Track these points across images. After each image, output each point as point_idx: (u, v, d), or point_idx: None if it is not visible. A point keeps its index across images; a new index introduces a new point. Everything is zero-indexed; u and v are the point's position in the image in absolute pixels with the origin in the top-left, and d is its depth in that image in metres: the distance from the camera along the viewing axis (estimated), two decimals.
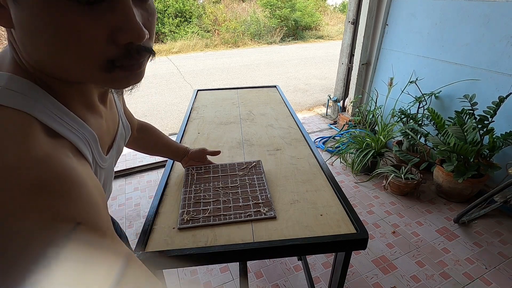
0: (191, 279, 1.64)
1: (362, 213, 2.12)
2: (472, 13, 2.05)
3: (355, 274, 1.65)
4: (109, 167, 0.54)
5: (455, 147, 1.87)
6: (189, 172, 1.00)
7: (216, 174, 0.99)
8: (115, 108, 0.57)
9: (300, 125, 1.36)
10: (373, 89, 3.05)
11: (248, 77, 6.13)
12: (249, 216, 0.80)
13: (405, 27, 2.56)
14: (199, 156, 1.02)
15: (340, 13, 13.49)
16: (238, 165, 1.03)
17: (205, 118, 1.48)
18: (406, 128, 2.32)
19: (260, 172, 0.99)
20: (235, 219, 0.79)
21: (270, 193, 0.89)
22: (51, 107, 0.37)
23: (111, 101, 0.55)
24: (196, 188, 0.92)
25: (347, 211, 0.82)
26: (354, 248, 0.76)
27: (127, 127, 0.64)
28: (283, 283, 1.61)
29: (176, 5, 9.88)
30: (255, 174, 0.98)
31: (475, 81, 2.12)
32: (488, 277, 1.62)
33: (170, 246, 0.72)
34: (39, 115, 0.34)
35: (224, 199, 0.87)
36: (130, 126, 0.69)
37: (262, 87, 1.96)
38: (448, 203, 2.20)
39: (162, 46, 8.89)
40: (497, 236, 1.89)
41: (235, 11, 10.81)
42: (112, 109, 0.55)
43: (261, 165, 1.03)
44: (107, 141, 0.51)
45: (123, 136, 0.61)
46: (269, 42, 10.11)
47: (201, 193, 0.89)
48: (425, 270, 1.67)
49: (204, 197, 0.88)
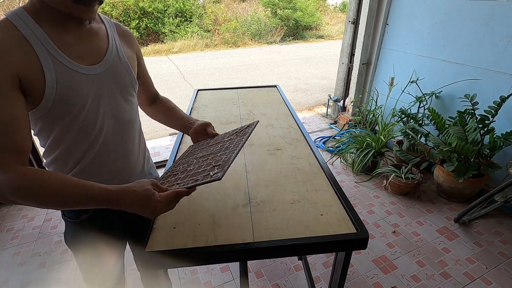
0: (191, 279, 1.64)
1: (363, 213, 2.12)
2: (473, 13, 2.05)
3: (355, 274, 1.65)
4: (101, 81, 0.73)
5: (456, 147, 1.86)
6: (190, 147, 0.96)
7: (209, 144, 0.88)
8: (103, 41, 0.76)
9: (300, 125, 1.36)
10: (373, 89, 3.05)
11: (248, 77, 6.13)
12: (196, 181, 0.67)
13: (406, 27, 2.55)
14: (202, 129, 0.96)
15: (341, 12, 13.48)
16: (233, 131, 0.91)
17: (205, 117, 1.48)
18: (406, 127, 2.31)
19: (246, 133, 0.82)
20: (184, 185, 0.68)
21: (237, 154, 0.71)
22: (27, 22, 0.62)
23: (96, 34, 0.74)
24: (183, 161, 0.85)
25: (348, 210, 0.82)
26: (355, 248, 0.76)
27: (128, 69, 0.80)
28: (283, 282, 1.61)
29: (176, 5, 9.88)
30: (241, 136, 0.82)
31: (475, 81, 2.12)
32: (489, 276, 1.61)
33: (170, 246, 0.72)
34: (16, 23, 0.61)
35: (191, 168, 0.77)
36: (144, 86, 0.96)
37: (262, 87, 1.95)
38: (448, 202, 2.20)
39: (162, 46, 8.89)
40: (497, 235, 1.89)
41: (236, 11, 10.80)
42: (94, 38, 0.74)
43: (252, 127, 0.86)
44: (83, 56, 0.70)
45: (118, 69, 0.77)
46: (270, 42, 10.10)
47: (181, 165, 0.82)
48: (426, 269, 1.67)
49: (181, 169, 0.80)
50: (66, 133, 0.72)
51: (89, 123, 0.73)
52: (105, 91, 0.74)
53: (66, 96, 0.66)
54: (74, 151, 0.75)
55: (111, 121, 0.77)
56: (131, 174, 0.88)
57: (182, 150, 1.18)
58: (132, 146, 0.86)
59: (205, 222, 0.79)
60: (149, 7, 9.51)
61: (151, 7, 9.55)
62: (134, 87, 0.84)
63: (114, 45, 0.78)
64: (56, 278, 1.67)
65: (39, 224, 2.07)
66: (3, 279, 1.66)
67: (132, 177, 0.88)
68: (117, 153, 0.82)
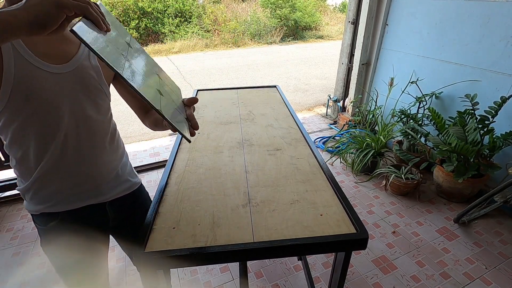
0: (191, 279, 1.64)
1: (362, 213, 2.12)
2: (472, 13, 2.05)
3: (355, 274, 1.65)
4: (66, 80, 0.73)
5: (456, 147, 1.87)
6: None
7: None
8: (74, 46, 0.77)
9: (300, 125, 1.36)
10: (373, 89, 3.05)
11: (248, 77, 6.13)
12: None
13: (405, 27, 2.56)
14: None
15: (340, 13, 13.49)
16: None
17: (205, 118, 1.48)
18: (406, 128, 2.32)
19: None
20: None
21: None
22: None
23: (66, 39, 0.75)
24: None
25: (347, 211, 0.82)
26: (354, 248, 0.76)
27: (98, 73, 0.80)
28: (283, 283, 1.61)
29: (176, 5, 9.88)
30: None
31: (475, 81, 2.12)
32: (488, 277, 1.61)
33: (170, 246, 0.72)
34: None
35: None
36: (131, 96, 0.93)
37: (262, 87, 1.95)
38: (448, 203, 2.20)
39: (162, 46, 8.89)
40: (497, 236, 1.89)
41: (235, 11, 10.81)
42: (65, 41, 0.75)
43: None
44: (50, 55, 0.71)
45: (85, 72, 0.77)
46: (269, 42, 10.11)
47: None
48: (425, 270, 1.67)
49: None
50: (26, 128, 0.72)
51: (49, 121, 0.73)
52: (68, 91, 0.74)
53: (24, 89, 0.67)
54: (37, 149, 0.75)
55: (72, 121, 0.76)
56: (102, 179, 0.86)
57: (182, 150, 1.18)
58: (100, 151, 0.84)
59: (205, 222, 0.79)
60: (148, 7, 9.51)
61: (150, 7, 9.55)
62: (105, 91, 0.83)
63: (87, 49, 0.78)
64: (55, 279, 1.66)
65: None
66: (3, 279, 1.66)
67: (104, 183, 0.87)
68: (81, 155, 0.80)
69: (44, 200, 0.81)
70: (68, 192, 0.82)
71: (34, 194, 0.81)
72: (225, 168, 1.04)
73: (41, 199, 0.81)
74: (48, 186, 0.79)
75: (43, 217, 0.84)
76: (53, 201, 0.81)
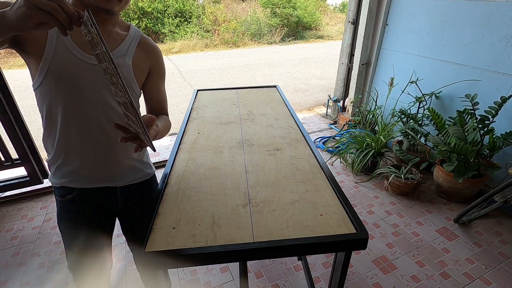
0: (191, 279, 1.64)
1: (362, 213, 2.12)
2: (472, 13, 2.05)
3: (355, 274, 1.65)
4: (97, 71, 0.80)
5: (455, 147, 1.87)
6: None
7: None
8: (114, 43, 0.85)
9: (300, 125, 1.36)
10: (373, 89, 3.05)
11: (248, 77, 6.13)
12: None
13: (405, 27, 2.56)
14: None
15: (340, 13, 13.50)
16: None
17: (205, 118, 1.48)
18: (406, 127, 2.32)
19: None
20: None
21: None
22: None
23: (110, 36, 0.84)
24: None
25: (347, 211, 0.82)
26: (354, 248, 0.76)
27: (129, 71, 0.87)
28: (283, 283, 1.61)
29: (176, 5, 9.88)
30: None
31: (475, 81, 2.12)
32: (488, 277, 1.62)
33: (170, 246, 0.72)
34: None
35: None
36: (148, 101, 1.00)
37: (262, 87, 1.96)
38: (448, 203, 2.20)
39: (162, 46, 8.88)
40: (497, 236, 1.89)
41: (235, 11, 10.80)
42: (107, 38, 0.83)
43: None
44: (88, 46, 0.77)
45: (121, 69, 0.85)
46: (269, 42, 10.11)
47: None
48: (425, 270, 1.67)
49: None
50: (54, 106, 0.80)
51: (73, 103, 0.81)
52: (96, 80, 0.81)
53: (58, 71, 0.76)
54: (61, 127, 0.83)
55: (95, 108, 0.83)
56: (119, 166, 0.94)
57: (182, 150, 1.18)
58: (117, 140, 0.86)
59: (205, 222, 0.79)
60: (148, 7, 9.51)
61: (150, 7, 9.55)
62: (133, 87, 0.90)
63: (125, 48, 0.86)
64: (55, 279, 1.66)
65: (38, 224, 2.06)
66: (3, 279, 1.66)
67: (120, 170, 0.95)
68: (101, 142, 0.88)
69: (65, 175, 0.91)
70: (87, 172, 0.91)
71: (57, 169, 0.91)
72: (225, 168, 1.04)
73: (63, 174, 0.91)
74: (69, 164, 0.89)
75: (62, 190, 0.94)
76: (72, 177, 0.91)
